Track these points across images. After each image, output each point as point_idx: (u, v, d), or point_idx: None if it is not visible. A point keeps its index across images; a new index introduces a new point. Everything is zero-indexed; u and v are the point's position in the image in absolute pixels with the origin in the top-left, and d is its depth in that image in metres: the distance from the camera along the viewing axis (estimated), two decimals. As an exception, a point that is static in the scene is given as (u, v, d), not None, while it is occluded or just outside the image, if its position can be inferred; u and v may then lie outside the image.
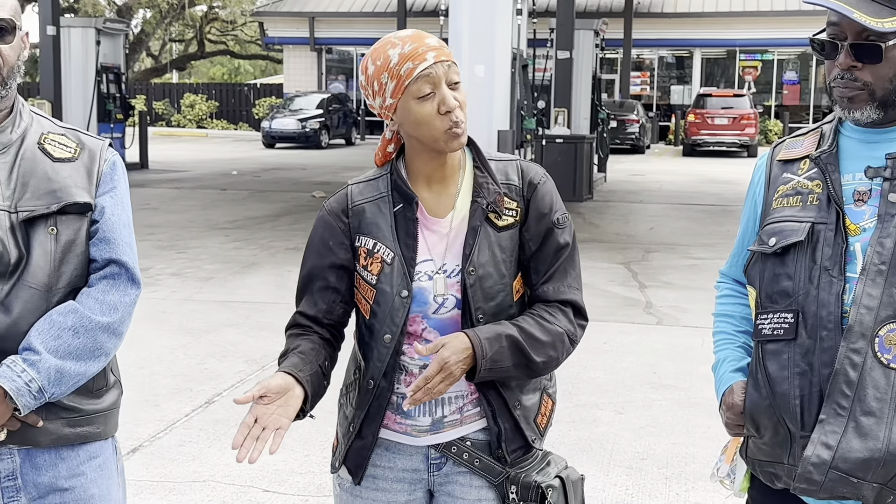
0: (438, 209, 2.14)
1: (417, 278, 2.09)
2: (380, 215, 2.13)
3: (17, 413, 2.05)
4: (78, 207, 2.13)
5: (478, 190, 2.13)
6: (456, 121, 2.04)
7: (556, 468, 2.18)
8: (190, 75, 52.68)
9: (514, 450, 2.15)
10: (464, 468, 2.16)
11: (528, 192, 2.16)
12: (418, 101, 2.04)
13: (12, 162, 2.12)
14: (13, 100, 2.17)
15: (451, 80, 2.05)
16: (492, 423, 2.13)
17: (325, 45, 35.84)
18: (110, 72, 20.16)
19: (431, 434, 2.15)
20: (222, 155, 25.90)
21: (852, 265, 1.92)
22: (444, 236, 2.12)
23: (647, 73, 35.01)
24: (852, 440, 1.86)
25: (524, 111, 14.23)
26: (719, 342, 2.23)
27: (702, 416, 5.47)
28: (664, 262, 10.57)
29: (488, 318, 2.10)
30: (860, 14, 1.86)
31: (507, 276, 2.13)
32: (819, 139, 2.06)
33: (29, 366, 2.03)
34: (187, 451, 4.93)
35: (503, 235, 2.13)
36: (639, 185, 19.00)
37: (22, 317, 2.07)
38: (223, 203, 15.31)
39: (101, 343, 2.12)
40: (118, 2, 40.25)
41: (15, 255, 2.06)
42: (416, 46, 2.04)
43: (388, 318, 2.09)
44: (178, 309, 7.92)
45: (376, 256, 2.11)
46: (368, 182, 2.19)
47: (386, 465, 2.18)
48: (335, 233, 2.15)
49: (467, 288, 2.08)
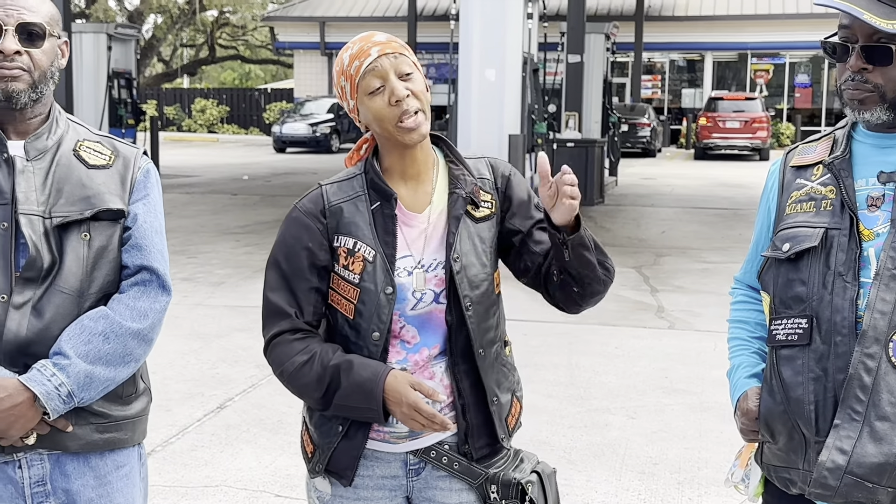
0: (415, 205, 2.17)
1: (397, 274, 2.11)
2: (358, 214, 2.14)
3: (46, 417, 2.07)
4: (111, 214, 2.16)
5: (454, 182, 2.17)
6: (406, 109, 2.05)
7: (531, 464, 2.20)
8: (201, 80, 52.85)
9: (480, 447, 2.16)
10: (443, 472, 2.16)
11: (503, 184, 2.23)
12: (370, 97, 2.08)
13: (47, 168, 2.15)
14: (49, 106, 2.20)
15: (400, 72, 2.07)
16: (460, 418, 2.14)
17: (335, 49, 35.87)
18: (121, 77, 20.22)
19: (410, 440, 2.15)
20: (233, 160, 25.97)
21: (866, 270, 1.91)
22: (423, 231, 2.15)
23: (659, 76, 34.97)
24: (867, 445, 1.86)
25: (535, 115, 14.24)
26: (734, 348, 2.23)
27: (714, 420, 5.45)
28: (676, 266, 10.54)
29: (475, 306, 2.12)
30: (870, 16, 1.87)
31: (488, 266, 2.17)
32: (832, 145, 2.06)
33: (59, 370, 2.05)
34: (199, 455, 4.94)
35: (481, 226, 2.17)
36: (650, 189, 18.97)
37: (53, 321, 2.09)
38: (234, 208, 15.35)
39: (131, 349, 2.14)
40: (129, 7, 40.43)
41: (48, 259, 2.09)
42: (362, 45, 2.09)
43: (375, 316, 2.10)
44: (190, 314, 7.94)
45: (357, 255, 2.11)
46: (342, 182, 2.19)
47: (365, 474, 2.17)
48: (313, 233, 2.14)
49: (454, 275, 2.10)
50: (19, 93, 2.09)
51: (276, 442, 5.12)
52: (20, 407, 2.03)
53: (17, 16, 2.08)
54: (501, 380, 2.21)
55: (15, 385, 2.03)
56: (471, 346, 2.13)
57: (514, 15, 12.57)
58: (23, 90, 2.09)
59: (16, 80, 2.08)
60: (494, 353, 2.19)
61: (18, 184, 2.11)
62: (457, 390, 2.14)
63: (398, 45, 2.10)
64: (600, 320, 7.78)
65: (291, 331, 2.12)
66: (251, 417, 5.52)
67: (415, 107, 2.06)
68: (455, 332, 2.13)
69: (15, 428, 2.04)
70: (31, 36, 2.10)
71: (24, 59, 2.09)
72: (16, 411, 2.03)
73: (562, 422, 5.46)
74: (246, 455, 4.94)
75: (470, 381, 2.15)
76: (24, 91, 2.10)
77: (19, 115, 2.14)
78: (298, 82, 36.73)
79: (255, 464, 4.82)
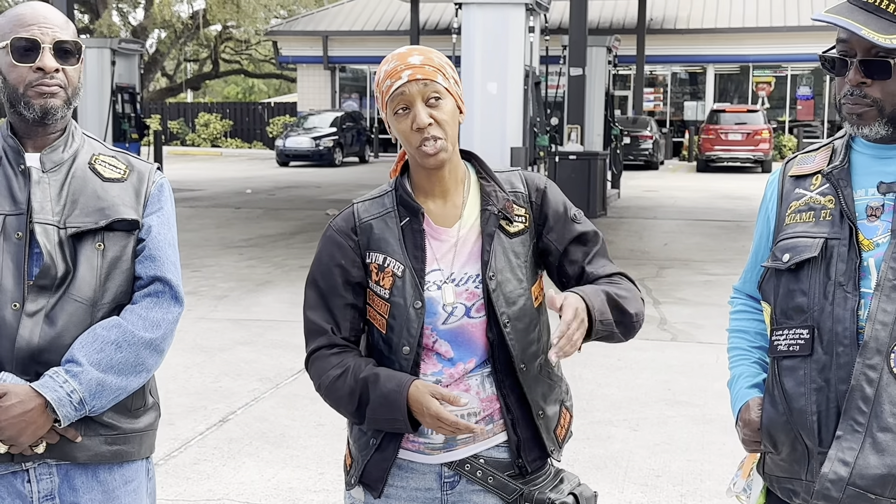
0: (445, 219, 2.18)
1: (427, 288, 2.12)
2: (387, 230, 2.16)
3: (56, 425, 2.08)
4: (125, 224, 2.19)
5: (486, 199, 2.17)
6: (427, 136, 2.07)
7: (570, 485, 2.19)
8: (204, 94, 52.98)
9: (533, 459, 2.16)
10: (477, 486, 2.15)
11: (537, 198, 2.22)
12: (395, 118, 2.11)
13: (63, 180, 2.18)
14: (67, 122, 2.23)
15: (428, 97, 2.09)
16: (511, 432, 2.14)
17: (338, 63, 36.00)
18: (125, 92, 20.27)
19: (444, 452, 2.15)
20: (237, 173, 26.02)
21: (867, 280, 1.91)
22: (452, 246, 2.16)
23: (661, 89, 35.01)
24: (869, 456, 1.86)
25: (537, 128, 14.25)
26: (734, 358, 2.23)
27: (717, 432, 5.44)
28: (678, 279, 10.54)
29: (514, 322, 2.12)
30: (868, 31, 1.87)
31: (524, 281, 2.16)
32: (831, 155, 2.06)
33: (71, 377, 2.06)
34: (202, 469, 4.94)
35: (515, 241, 2.17)
36: (652, 201, 18.97)
37: (66, 329, 2.10)
38: (238, 221, 15.37)
39: (142, 359, 2.16)
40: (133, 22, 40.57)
41: (62, 268, 2.11)
42: (396, 65, 2.10)
43: (405, 331, 2.11)
44: (193, 327, 7.95)
45: (387, 270, 2.13)
46: (373, 200, 2.22)
47: (399, 485, 2.17)
48: (346, 251, 2.17)
49: (490, 293, 2.11)
50: (56, 109, 2.14)
51: (278, 455, 5.11)
52: (31, 413, 2.04)
53: (51, 34, 2.13)
54: (547, 392, 2.20)
55: (26, 391, 2.04)
56: (512, 361, 2.13)
57: (516, 28, 12.61)
58: (59, 107, 2.15)
59: (54, 96, 2.13)
60: (538, 367, 2.18)
61: (34, 194, 2.14)
62: (504, 405, 2.14)
63: (432, 69, 2.10)
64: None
65: (328, 346, 2.16)
66: (254, 431, 5.51)
67: (436, 135, 2.07)
68: (496, 349, 2.13)
69: (25, 435, 2.05)
70: (66, 53, 2.15)
71: (60, 76, 2.14)
72: (27, 417, 2.03)
73: (565, 434, 5.45)
74: (248, 468, 4.93)
75: (516, 396, 2.14)
76: (60, 107, 2.15)
77: (41, 130, 2.18)
78: (302, 96, 36.80)
79: (258, 477, 4.82)
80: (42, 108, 2.12)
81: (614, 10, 33.43)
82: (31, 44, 2.11)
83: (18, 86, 2.12)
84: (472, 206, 2.19)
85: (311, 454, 5.12)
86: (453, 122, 2.12)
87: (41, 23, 2.13)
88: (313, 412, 5.69)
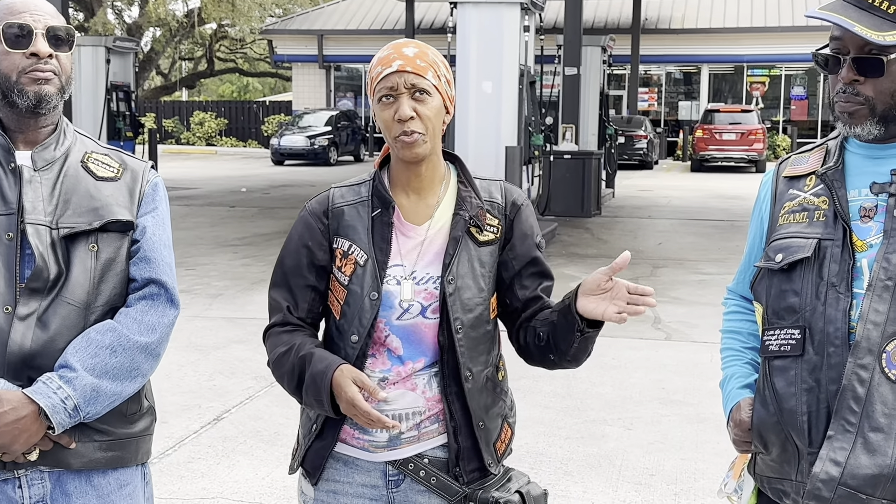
0: (416, 217, 2.18)
1: (386, 281, 2.12)
2: (358, 218, 2.17)
3: (50, 432, 2.03)
4: (119, 225, 2.14)
5: (460, 203, 2.18)
6: (406, 130, 2.07)
7: (517, 483, 2.18)
8: (199, 93, 52.91)
9: (472, 470, 2.15)
10: (421, 486, 2.16)
11: (512, 212, 2.22)
12: (380, 106, 2.12)
13: (55, 178, 2.13)
14: (58, 117, 2.19)
15: (414, 89, 2.09)
16: (451, 439, 2.14)
17: (333, 62, 35.97)
18: (120, 90, 20.26)
19: (388, 450, 2.15)
20: (231, 172, 25.98)
21: (859, 281, 1.92)
22: (419, 244, 2.16)
23: (655, 88, 35.04)
24: (861, 456, 1.86)
25: (532, 127, 14.25)
26: (727, 358, 2.23)
27: (711, 431, 5.45)
28: (673, 278, 10.55)
29: (466, 329, 2.13)
30: (861, 27, 1.87)
31: (485, 291, 2.17)
32: (825, 155, 2.06)
33: (65, 383, 2.00)
34: (196, 467, 4.94)
35: (483, 251, 2.18)
36: (647, 201, 18.99)
37: (59, 333, 2.05)
38: (232, 220, 15.35)
39: (138, 363, 2.10)
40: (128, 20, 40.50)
41: (55, 270, 2.05)
42: (390, 53, 2.12)
43: (357, 319, 2.12)
44: (187, 326, 7.94)
45: (350, 258, 2.15)
46: (351, 187, 2.24)
47: (345, 480, 2.18)
48: (314, 233, 2.19)
49: (446, 297, 2.11)
50: (50, 96, 2.09)
51: (272, 454, 5.11)
52: (24, 420, 1.98)
53: (43, 21, 2.09)
54: (490, 405, 2.19)
55: (19, 398, 1.98)
56: (459, 368, 2.13)
57: (511, 28, 12.61)
58: (53, 94, 2.09)
59: (48, 82, 2.08)
60: (484, 378, 2.17)
61: (25, 193, 2.07)
62: (448, 412, 2.14)
63: (423, 64, 2.10)
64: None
65: (282, 324, 2.19)
66: (248, 429, 5.51)
67: (416, 129, 2.08)
68: (447, 353, 2.13)
69: (19, 442, 1.99)
70: (58, 40, 2.11)
71: (54, 62, 2.09)
72: (20, 425, 1.97)
73: (558, 433, 5.46)
74: (243, 467, 4.93)
75: (460, 404, 2.14)
76: (54, 95, 2.10)
77: (33, 123, 2.12)
78: (297, 95, 36.77)
79: (252, 476, 4.82)
80: (36, 94, 2.06)
81: (609, 9, 33.45)
82: (23, 30, 2.06)
83: (11, 73, 2.06)
84: (446, 208, 2.19)
85: (305, 453, 5.12)
86: (437, 119, 2.12)
87: (32, 10, 2.09)
88: (307, 411, 5.68)
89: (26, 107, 2.08)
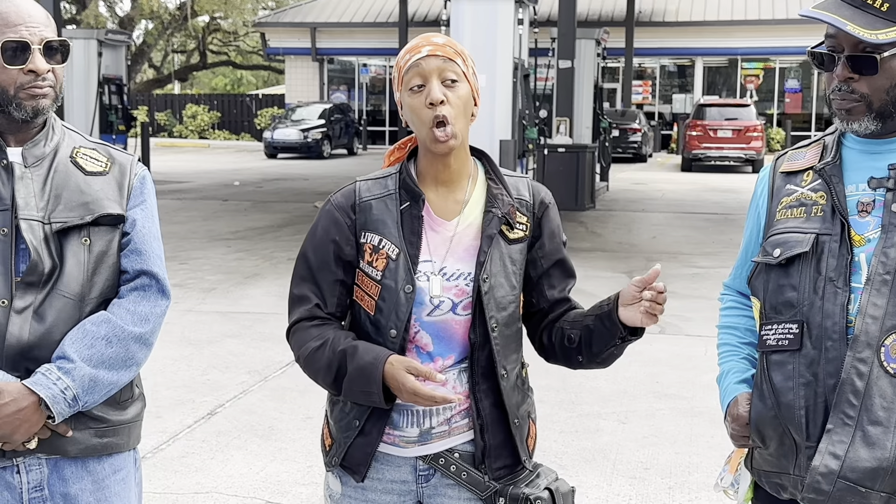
0: (445, 212, 2.16)
1: (417, 277, 2.11)
2: (386, 212, 2.15)
3: (49, 422, 2.09)
4: (111, 219, 2.19)
5: (491, 200, 2.16)
6: (438, 115, 2.05)
7: (546, 480, 2.18)
8: (192, 86, 52.78)
9: (498, 468, 2.15)
10: (451, 480, 2.15)
11: (540, 211, 2.22)
12: (409, 93, 2.09)
13: (45, 174, 2.17)
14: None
15: (444, 77, 2.08)
16: (478, 437, 2.13)
17: (326, 55, 35.91)
18: (112, 83, 20.20)
19: (419, 445, 2.15)
20: (224, 165, 25.94)
21: (857, 276, 1.92)
22: (448, 239, 2.14)
23: (649, 81, 35.05)
24: (860, 449, 1.87)
25: (526, 121, 14.25)
26: (724, 354, 2.23)
27: (705, 425, 5.46)
28: (667, 271, 10.55)
29: (501, 328, 2.12)
30: (854, 26, 1.88)
31: (516, 289, 2.17)
32: (822, 150, 2.07)
33: (64, 374, 2.07)
34: (190, 462, 4.93)
35: (514, 248, 2.17)
36: (641, 194, 19.01)
37: (55, 325, 2.11)
38: (225, 214, 15.33)
39: (132, 353, 2.17)
40: (120, 13, 40.37)
41: (49, 264, 2.11)
42: (419, 42, 2.11)
43: (394, 314, 2.10)
44: (181, 320, 7.92)
45: (381, 252, 2.13)
46: (377, 180, 2.21)
47: (375, 476, 2.18)
48: (341, 228, 2.16)
49: (481, 296, 2.10)
50: (47, 109, 2.15)
51: (266, 448, 5.11)
52: (25, 411, 2.04)
53: (39, 34, 2.11)
54: (521, 402, 2.19)
55: (19, 389, 2.04)
56: (494, 366, 2.12)
57: (505, 20, 12.60)
58: (49, 106, 2.15)
59: (45, 97, 2.13)
60: (515, 375, 2.18)
61: (18, 190, 2.13)
62: (475, 410, 2.13)
63: (452, 50, 2.10)
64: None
65: (310, 318, 2.16)
66: (242, 424, 5.50)
67: (447, 115, 2.05)
68: (478, 351, 2.12)
69: (19, 433, 2.05)
70: (54, 52, 2.14)
71: (50, 76, 2.13)
72: (20, 415, 2.04)
73: (553, 427, 5.46)
74: (237, 461, 4.92)
75: (490, 401, 2.13)
76: (50, 106, 2.15)
77: (25, 126, 2.17)
78: (290, 88, 36.71)
79: (246, 470, 4.81)
80: (34, 108, 2.12)
81: (603, 2, 33.45)
82: (21, 45, 2.09)
83: (9, 87, 2.10)
84: (475, 205, 2.17)
85: (299, 447, 5.11)
86: (466, 109, 2.10)
87: (27, 22, 2.10)
88: (302, 405, 5.68)
89: (23, 118, 2.13)
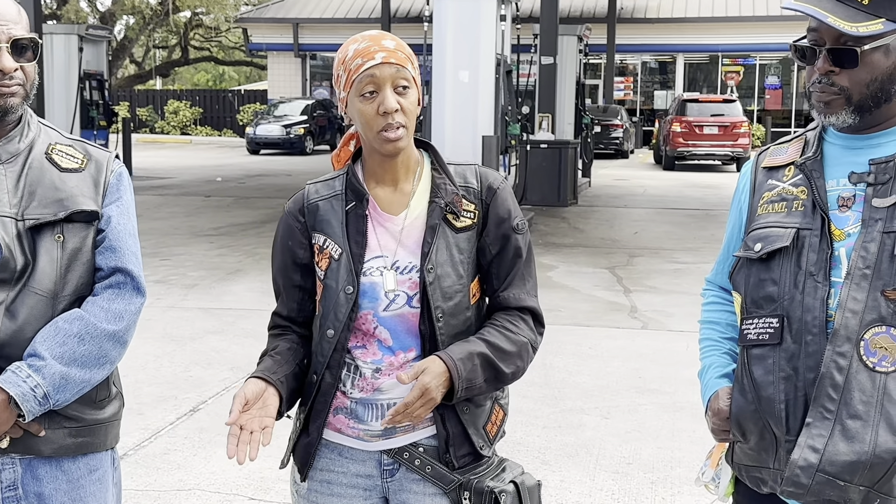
0: (392, 206, 2.18)
1: (369, 273, 2.12)
2: (332, 213, 2.17)
3: (20, 420, 2.06)
4: (85, 216, 2.16)
5: (435, 191, 2.17)
6: (391, 122, 2.06)
7: (512, 474, 2.18)
8: (174, 82, 52.53)
9: (462, 455, 2.16)
10: (416, 475, 2.16)
11: (488, 197, 2.20)
12: (361, 99, 2.09)
13: (20, 171, 2.15)
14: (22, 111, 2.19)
15: (397, 84, 2.08)
16: (440, 426, 2.14)
17: (309, 51, 35.82)
18: (93, 78, 20.05)
19: (383, 439, 2.16)
20: (206, 161, 25.84)
21: (837, 270, 1.93)
22: (397, 233, 2.16)
23: (631, 78, 35.13)
24: (839, 443, 1.87)
25: (508, 116, 14.26)
26: (705, 349, 2.24)
27: (687, 420, 5.48)
28: (649, 267, 10.59)
29: (447, 317, 2.13)
30: (835, 19, 1.88)
31: (464, 278, 2.16)
32: (803, 146, 2.08)
33: (34, 371, 2.04)
34: (172, 459, 4.91)
35: (461, 237, 2.16)
36: (623, 190, 19.05)
37: (27, 323, 2.08)
38: (207, 210, 15.27)
39: (106, 351, 2.14)
40: (101, 8, 40.13)
41: (21, 261, 2.08)
42: (370, 45, 2.09)
43: (332, 314, 2.13)
44: (163, 316, 7.89)
45: (325, 252, 2.15)
46: (325, 181, 2.24)
47: (339, 470, 2.19)
48: (293, 232, 2.20)
49: (426, 286, 2.11)
50: (16, 107, 2.11)
51: (249, 445, 5.09)
52: None
53: (7, 31, 2.08)
54: None
55: None
56: None
57: (488, 17, 12.58)
58: (18, 104, 2.11)
59: (13, 95, 2.09)
60: None
61: None
62: None
63: (404, 56, 2.10)
64: (574, 321, 7.80)
65: (272, 327, 2.27)
66: (224, 420, 5.48)
67: (400, 122, 2.07)
68: (428, 342, 2.13)
69: None
70: (23, 50, 2.11)
71: (19, 74, 2.10)
72: None
73: (536, 422, 5.47)
74: (219, 458, 4.91)
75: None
76: (19, 105, 2.12)
77: None
78: (272, 84, 36.59)
79: (229, 467, 4.80)
80: (2, 108, 2.09)
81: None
82: None
83: None
84: (421, 197, 2.18)
85: (281, 444, 5.10)
86: (415, 112, 2.13)
87: None
88: (284, 401, 5.67)
89: None
